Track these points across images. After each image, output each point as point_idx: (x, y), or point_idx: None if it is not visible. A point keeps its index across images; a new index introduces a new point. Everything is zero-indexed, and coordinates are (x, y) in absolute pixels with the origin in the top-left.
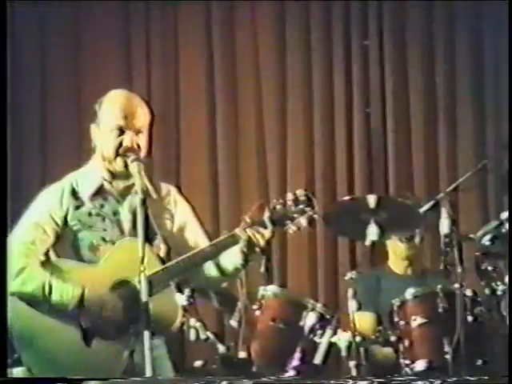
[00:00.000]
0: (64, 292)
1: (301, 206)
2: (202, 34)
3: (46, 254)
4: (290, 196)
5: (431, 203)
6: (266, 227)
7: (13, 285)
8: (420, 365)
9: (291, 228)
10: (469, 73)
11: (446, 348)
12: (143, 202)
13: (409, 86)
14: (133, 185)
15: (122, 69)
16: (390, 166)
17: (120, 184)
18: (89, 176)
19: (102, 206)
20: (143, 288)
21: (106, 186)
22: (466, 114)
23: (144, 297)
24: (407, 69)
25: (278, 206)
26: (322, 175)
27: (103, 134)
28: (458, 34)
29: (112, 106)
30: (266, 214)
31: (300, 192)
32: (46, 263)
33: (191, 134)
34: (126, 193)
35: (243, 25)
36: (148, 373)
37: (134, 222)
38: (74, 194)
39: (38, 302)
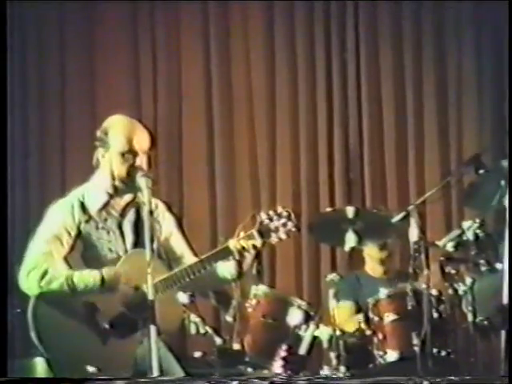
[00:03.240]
0: (86, 278)
1: (283, 220)
2: (200, 49)
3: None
4: (273, 212)
5: (402, 214)
6: (254, 239)
7: (40, 288)
8: (392, 356)
9: (274, 239)
10: (434, 96)
11: (415, 341)
12: (150, 213)
13: (382, 110)
14: (132, 201)
15: (130, 69)
16: (366, 182)
17: (121, 201)
18: (95, 191)
19: (105, 220)
20: (150, 288)
21: (112, 201)
22: (432, 137)
23: (150, 296)
24: (381, 93)
25: (266, 221)
26: (306, 189)
27: (114, 157)
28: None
29: (120, 133)
30: (255, 228)
31: (281, 209)
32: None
33: (192, 150)
34: (127, 208)
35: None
36: (154, 368)
37: (136, 234)
38: (83, 207)
39: (65, 298)
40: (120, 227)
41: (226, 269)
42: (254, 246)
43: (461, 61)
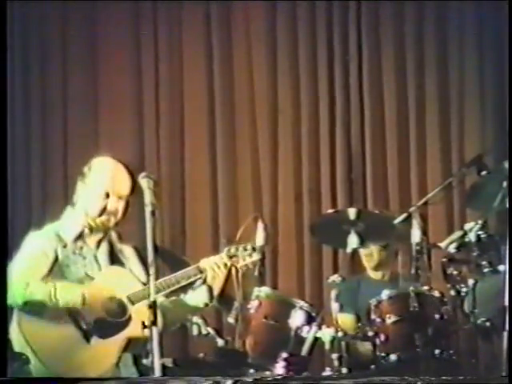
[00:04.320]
0: (69, 291)
1: (248, 252)
2: (202, 49)
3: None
4: (241, 247)
5: (404, 215)
6: (223, 260)
7: (23, 296)
8: (394, 357)
9: (239, 265)
10: (436, 97)
11: (417, 342)
12: (152, 213)
13: (384, 111)
14: (104, 236)
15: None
16: (368, 183)
17: (94, 237)
18: (70, 224)
19: (81, 248)
20: (151, 289)
21: (86, 231)
22: (433, 138)
23: (152, 297)
24: (383, 94)
25: (233, 249)
26: (308, 191)
27: (90, 195)
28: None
29: (101, 173)
30: (224, 252)
31: (248, 244)
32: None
33: (194, 151)
34: (100, 243)
35: (239, 42)
36: (157, 370)
37: (111, 262)
38: (59, 237)
39: (47, 309)
40: (95, 256)
41: (195, 297)
42: (225, 264)
43: (463, 62)
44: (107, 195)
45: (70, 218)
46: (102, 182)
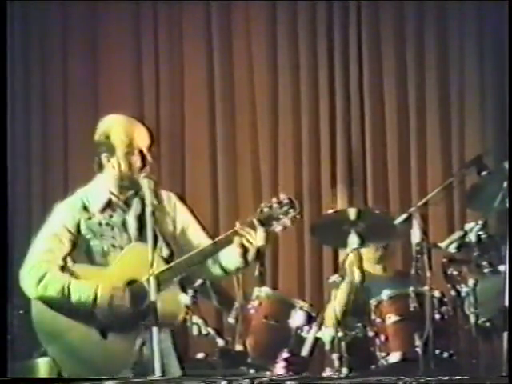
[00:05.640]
0: (81, 292)
1: (285, 208)
2: (203, 48)
3: (64, 260)
4: (274, 200)
5: (404, 215)
6: (255, 228)
7: (36, 291)
8: (394, 357)
9: (277, 227)
10: (437, 97)
11: (417, 342)
12: (152, 213)
13: (384, 111)
14: (135, 193)
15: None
16: (368, 183)
17: (125, 194)
18: (97, 192)
19: (110, 217)
20: (152, 289)
21: (114, 199)
22: (434, 139)
23: (152, 297)
24: (383, 94)
25: (265, 209)
26: (308, 191)
27: (121, 158)
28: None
29: (122, 134)
30: (255, 216)
31: (283, 196)
32: (64, 269)
33: (194, 147)
34: (130, 201)
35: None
36: (157, 369)
37: (140, 228)
38: (85, 208)
39: (60, 304)
40: (124, 222)
41: (230, 259)
42: (253, 236)
43: (463, 61)
44: (139, 151)
45: (98, 186)
46: (127, 141)
